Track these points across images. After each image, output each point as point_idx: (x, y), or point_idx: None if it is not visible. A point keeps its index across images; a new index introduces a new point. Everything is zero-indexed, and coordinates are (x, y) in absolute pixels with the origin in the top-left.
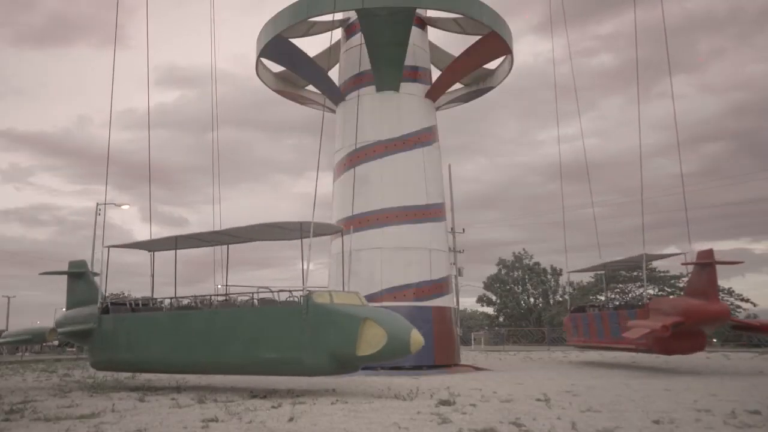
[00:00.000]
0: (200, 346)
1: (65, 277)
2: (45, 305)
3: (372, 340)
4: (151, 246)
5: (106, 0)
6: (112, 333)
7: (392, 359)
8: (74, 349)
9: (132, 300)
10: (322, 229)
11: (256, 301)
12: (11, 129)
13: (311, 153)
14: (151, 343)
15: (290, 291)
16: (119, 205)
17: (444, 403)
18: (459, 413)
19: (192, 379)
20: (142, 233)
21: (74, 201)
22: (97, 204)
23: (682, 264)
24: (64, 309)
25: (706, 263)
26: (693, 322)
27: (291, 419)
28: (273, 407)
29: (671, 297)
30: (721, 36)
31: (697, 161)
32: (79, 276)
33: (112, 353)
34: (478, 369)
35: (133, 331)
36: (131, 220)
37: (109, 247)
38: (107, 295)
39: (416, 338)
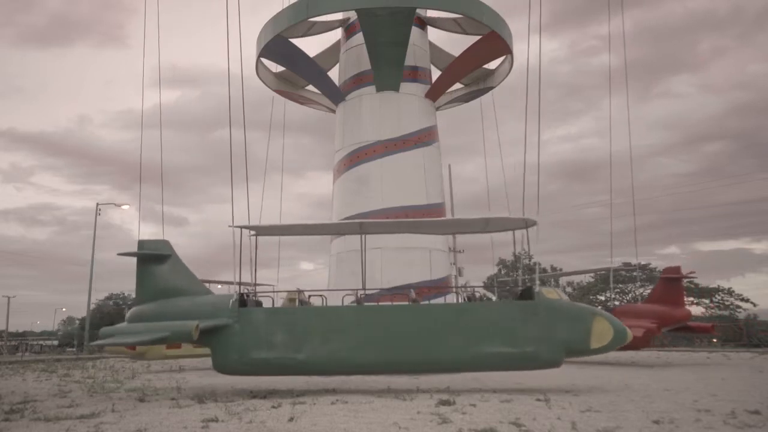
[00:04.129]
0: (405, 344)
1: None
2: (45, 305)
3: (601, 335)
4: (315, 231)
5: (107, 0)
6: (264, 330)
7: (610, 350)
8: (74, 349)
9: (252, 293)
10: (517, 224)
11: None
12: (12, 129)
13: (311, 153)
14: (332, 342)
15: (467, 287)
16: (119, 205)
17: (444, 403)
18: (459, 413)
19: (192, 379)
20: (143, 233)
21: (74, 201)
22: (98, 204)
23: (660, 277)
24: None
25: (675, 277)
26: (664, 324)
27: (291, 419)
28: (273, 407)
29: (632, 304)
30: (723, 35)
31: (697, 161)
32: (160, 260)
33: (261, 353)
34: None
35: (303, 330)
36: (131, 220)
37: (257, 229)
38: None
39: (630, 333)
